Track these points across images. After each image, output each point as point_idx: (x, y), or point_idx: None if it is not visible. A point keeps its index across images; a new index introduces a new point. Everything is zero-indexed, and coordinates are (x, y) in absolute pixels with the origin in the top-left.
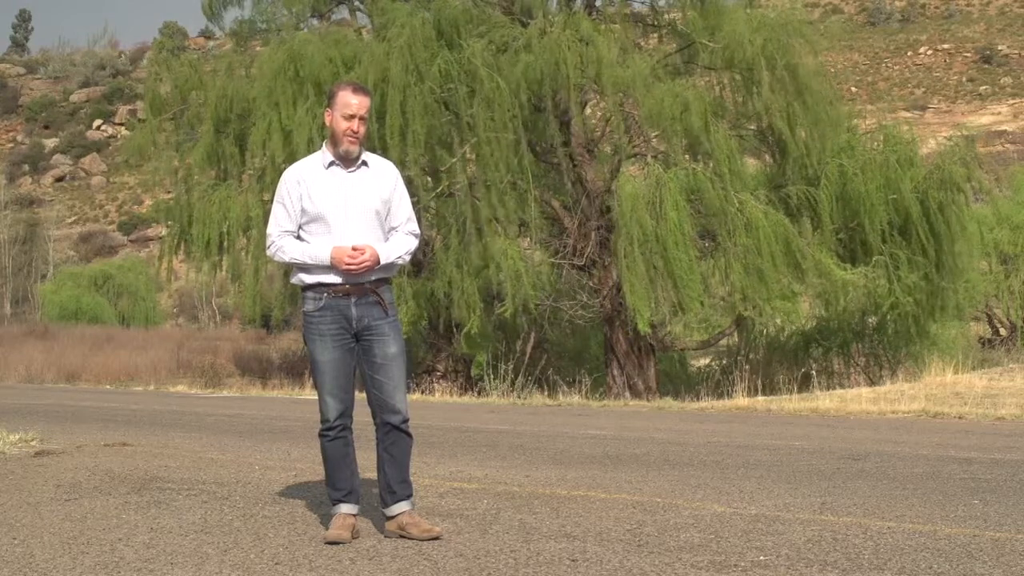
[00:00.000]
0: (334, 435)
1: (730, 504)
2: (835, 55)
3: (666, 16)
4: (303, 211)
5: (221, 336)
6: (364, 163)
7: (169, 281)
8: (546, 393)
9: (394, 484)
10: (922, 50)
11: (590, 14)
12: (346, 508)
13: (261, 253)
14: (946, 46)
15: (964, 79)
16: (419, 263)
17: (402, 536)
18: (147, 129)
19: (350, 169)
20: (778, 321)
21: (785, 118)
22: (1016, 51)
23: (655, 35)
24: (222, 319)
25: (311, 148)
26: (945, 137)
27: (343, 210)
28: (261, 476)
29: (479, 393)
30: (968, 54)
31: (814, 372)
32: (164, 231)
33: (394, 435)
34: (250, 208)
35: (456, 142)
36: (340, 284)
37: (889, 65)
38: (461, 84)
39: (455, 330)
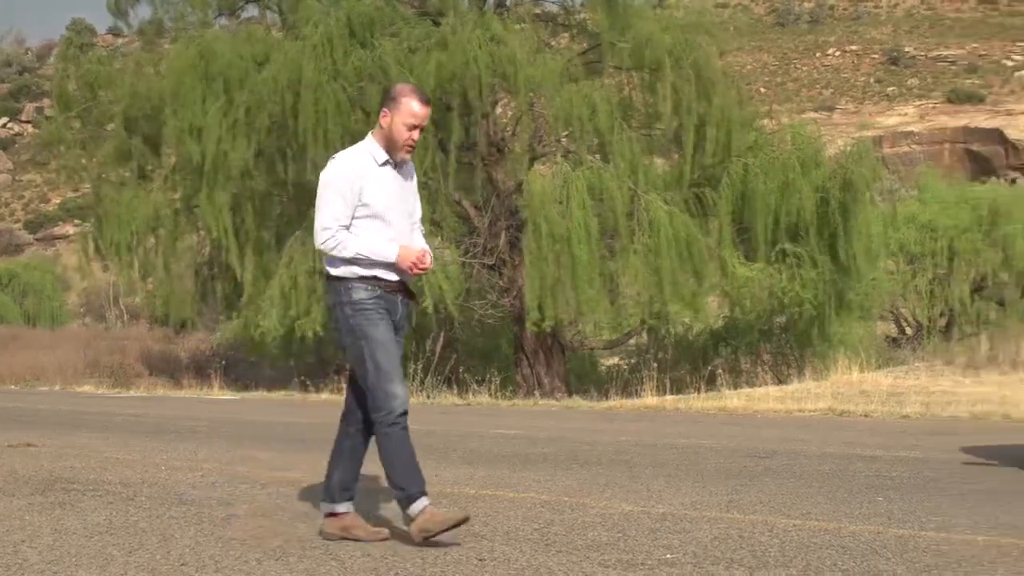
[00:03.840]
0: (405, 422)
1: (638, 503)
2: (744, 55)
3: (576, 16)
4: (362, 206)
5: (129, 336)
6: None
7: (90, 279)
8: (456, 392)
9: (352, 483)
10: (830, 51)
11: (500, 13)
12: (427, 498)
13: (171, 252)
14: (854, 47)
15: (872, 80)
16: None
17: (344, 537)
18: (55, 126)
19: (398, 167)
20: (686, 320)
21: (692, 118)
22: (923, 53)
23: (565, 35)
24: (130, 319)
25: (220, 146)
26: (851, 137)
27: (398, 209)
28: (167, 476)
29: None
30: (875, 55)
31: (721, 371)
32: (72, 230)
33: (370, 434)
34: (159, 207)
35: None
36: (394, 281)
37: (798, 66)
38: (373, 83)
39: None
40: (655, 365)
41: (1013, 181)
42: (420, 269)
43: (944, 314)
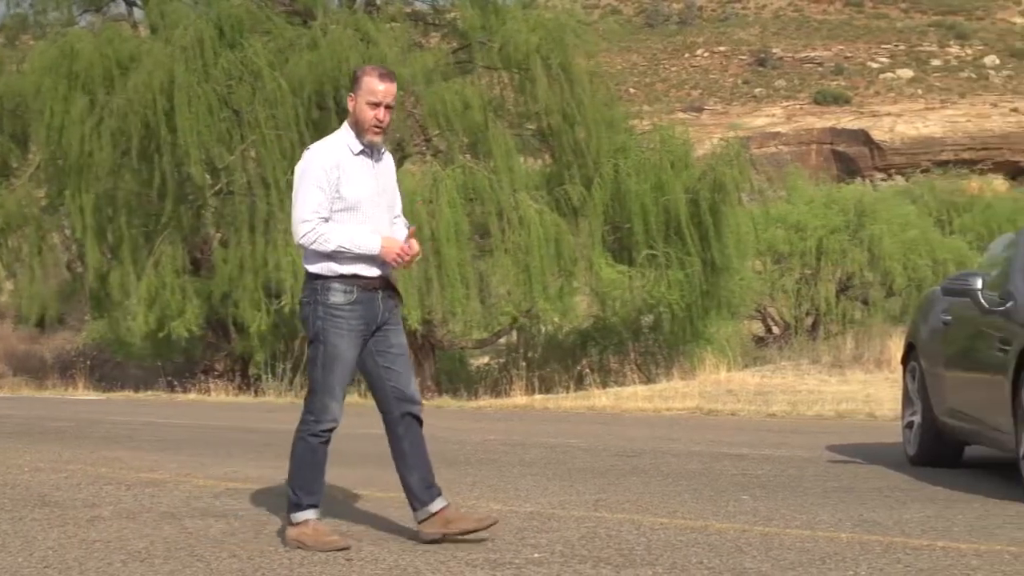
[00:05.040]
0: (328, 437)
1: (506, 502)
2: (614, 56)
3: (447, 15)
4: (338, 198)
5: None
6: (381, 151)
7: None
8: None
9: (431, 478)
10: (699, 52)
11: (371, 12)
12: (316, 513)
13: (37, 250)
14: (722, 48)
15: (740, 81)
16: (197, 261)
17: (446, 535)
18: None
19: (375, 157)
20: (556, 319)
21: (561, 118)
22: (790, 54)
23: (436, 34)
24: None
25: (85, 146)
26: (720, 139)
27: (375, 200)
28: (31, 478)
29: (256, 393)
30: (743, 57)
31: (590, 370)
32: None
33: (415, 426)
34: (25, 204)
35: (236, 140)
36: (375, 277)
37: (667, 67)
38: (243, 83)
39: (233, 329)
40: (524, 364)
41: (874, 184)
42: (403, 261)
43: (810, 313)
